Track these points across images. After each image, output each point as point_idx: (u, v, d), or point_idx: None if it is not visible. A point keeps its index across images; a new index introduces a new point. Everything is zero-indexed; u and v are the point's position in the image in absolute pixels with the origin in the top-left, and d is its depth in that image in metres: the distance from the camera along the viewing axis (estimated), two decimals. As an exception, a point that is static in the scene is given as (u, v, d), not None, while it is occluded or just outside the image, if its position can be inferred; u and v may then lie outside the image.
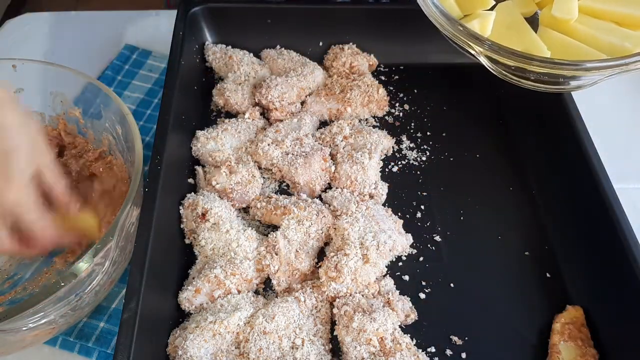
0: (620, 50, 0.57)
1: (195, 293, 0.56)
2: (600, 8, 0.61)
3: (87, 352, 0.58)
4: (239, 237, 0.60)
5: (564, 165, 0.67)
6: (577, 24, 0.61)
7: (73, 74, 0.66)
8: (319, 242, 0.62)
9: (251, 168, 0.66)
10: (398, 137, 0.75)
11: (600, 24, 0.60)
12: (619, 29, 0.60)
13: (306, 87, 0.76)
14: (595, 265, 0.60)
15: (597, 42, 0.59)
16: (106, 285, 0.56)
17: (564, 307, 0.59)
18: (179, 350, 0.52)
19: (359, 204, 0.63)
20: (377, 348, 0.53)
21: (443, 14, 0.59)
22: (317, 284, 0.58)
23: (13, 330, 0.49)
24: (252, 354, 0.52)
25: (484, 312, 0.60)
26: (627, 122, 0.83)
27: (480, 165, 0.73)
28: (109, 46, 0.89)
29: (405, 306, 0.58)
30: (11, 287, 0.61)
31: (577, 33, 0.61)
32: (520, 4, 0.65)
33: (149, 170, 0.60)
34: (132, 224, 0.56)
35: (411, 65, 0.83)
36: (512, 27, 0.62)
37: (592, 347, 0.56)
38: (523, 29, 0.62)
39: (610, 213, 0.58)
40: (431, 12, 0.60)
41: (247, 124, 0.72)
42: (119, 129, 0.64)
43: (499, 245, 0.65)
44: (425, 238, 0.65)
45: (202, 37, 0.81)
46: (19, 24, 0.92)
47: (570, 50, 0.59)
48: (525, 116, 0.76)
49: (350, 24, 0.81)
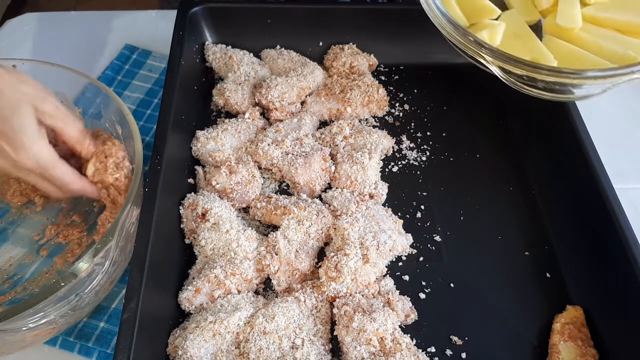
0: (624, 58, 0.57)
1: (195, 293, 0.56)
2: (603, 16, 0.61)
3: (87, 352, 0.58)
4: (239, 237, 0.60)
5: (564, 165, 0.67)
6: (581, 32, 0.61)
7: (73, 74, 0.66)
8: (319, 242, 0.62)
9: (251, 168, 0.66)
10: (398, 137, 0.75)
11: (604, 32, 0.60)
12: (622, 37, 0.60)
13: (306, 87, 0.76)
14: (595, 265, 0.60)
15: (601, 50, 0.59)
16: (106, 285, 0.56)
17: (564, 307, 0.59)
18: (179, 350, 0.52)
19: (359, 204, 0.63)
20: (377, 348, 0.53)
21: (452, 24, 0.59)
22: (317, 284, 0.58)
23: (13, 330, 0.49)
24: (252, 354, 0.52)
25: (484, 312, 0.60)
26: (627, 122, 0.83)
27: (480, 165, 0.73)
28: (109, 46, 0.89)
29: (405, 306, 0.58)
30: (11, 287, 0.61)
31: (581, 41, 0.61)
32: (524, 12, 0.65)
33: (149, 170, 0.60)
34: (132, 224, 0.56)
35: (411, 65, 0.83)
36: (518, 36, 0.62)
37: (592, 347, 0.56)
38: (529, 38, 0.62)
39: (610, 213, 0.58)
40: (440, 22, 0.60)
41: (247, 124, 0.72)
42: (119, 129, 0.64)
43: (499, 245, 0.65)
44: (425, 238, 0.65)
45: (202, 37, 0.81)
46: (19, 24, 0.92)
47: (575, 59, 0.59)
48: (525, 116, 0.76)
49: (350, 24, 0.81)
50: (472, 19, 0.65)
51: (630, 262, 0.55)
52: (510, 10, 0.66)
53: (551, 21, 0.62)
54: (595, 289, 0.59)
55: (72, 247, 0.63)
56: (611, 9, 0.61)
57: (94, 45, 0.89)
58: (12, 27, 0.91)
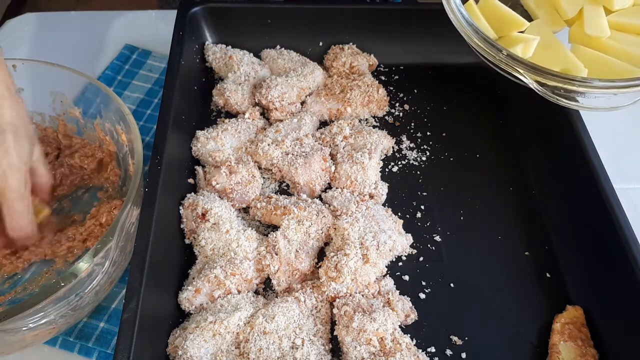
0: None
1: (195, 293, 0.56)
2: (627, 22, 0.61)
3: (87, 352, 0.58)
4: (239, 237, 0.59)
5: (564, 165, 0.67)
6: (608, 40, 0.61)
7: (73, 74, 0.66)
8: (319, 242, 0.62)
9: (251, 168, 0.66)
10: (398, 137, 0.75)
11: (630, 38, 0.61)
12: None
13: (306, 87, 0.76)
14: (595, 265, 0.60)
15: (628, 56, 0.59)
16: (106, 285, 0.56)
17: (564, 307, 0.59)
18: (179, 350, 0.52)
19: (359, 204, 0.63)
20: (377, 348, 0.53)
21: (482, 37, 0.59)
22: (317, 284, 0.58)
23: (13, 330, 0.49)
24: (252, 354, 0.52)
25: (484, 312, 0.60)
26: (627, 122, 0.83)
27: (480, 165, 0.73)
28: (109, 46, 0.89)
29: (405, 306, 0.58)
30: (11, 287, 0.61)
31: (608, 48, 0.61)
32: (549, 22, 0.65)
33: (149, 170, 0.60)
34: (132, 224, 0.56)
35: (411, 65, 0.83)
36: (548, 46, 0.62)
37: (592, 347, 0.56)
38: (559, 48, 0.62)
39: (610, 213, 0.58)
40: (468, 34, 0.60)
41: (247, 124, 0.72)
42: (119, 129, 0.64)
43: (499, 245, 0.65)
44: (425, 238, 0.65)
45: (202, 37, 0.81)
46: (19, 24, 0.92)
47: (605, 66, 0.59)
48: (525, 116, 0.76)
49: (350, 24, 0.81)
50: (500, 31, 0.65)
51: (630, 262, 0.55)
52: (536, 20, 0.65)
53: (577, 30, 0.63)
54: (595, 289, 0.59)
55: (72, 247, 0.63)
56: (635, 15, 0.61)
57: (94, 45, 0.89)
58: (12, 27, 0.91)
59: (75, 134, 0.71)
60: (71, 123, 0.70)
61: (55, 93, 0.68)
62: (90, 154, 0.69)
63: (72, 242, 0.62)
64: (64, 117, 0.70)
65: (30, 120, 0.59)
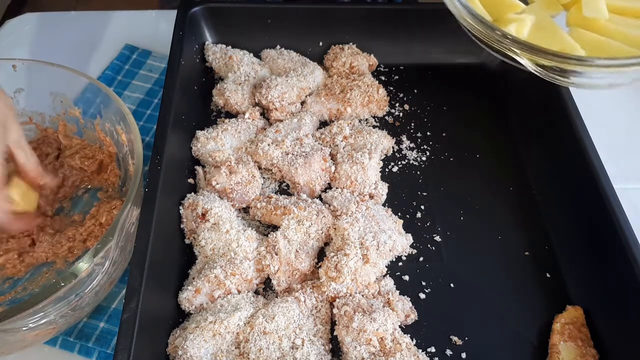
0: None
1: (195, 293, 0.56)
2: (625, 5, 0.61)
3: (87, 352, 0.58)
4: (239, 237, 0.59)
5: (564, 165, 0.67)
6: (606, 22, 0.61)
7: (73, 74, 0.66)
8: (319, 242, 0.62)
9: (251, 168, 0.66)
10: (398, 137, 0.75)
11: (628, 20, 0.60)
12: None
13: (306, 87, 0.76)
14: (595, 265, 0.60)
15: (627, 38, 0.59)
16: (106, 285, 0.56)
17: (564, 307, 0.59)
18: (179, 350, 0.52)
19: (359, 204, 0.63)
20: (377, 348, 0.53)
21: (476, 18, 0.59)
22: (317, 284, 0.58)
23: (13, 330, 0.49)
24: (252, 354, 0.52)
25: (484, 312, 0.60)
26: (627, 122, 0.83)
27: (480, 165, 0.73)
28: (109, 46, 0.89)
29: (405, 306, 0.58)
30: (11, 287, 0.61)
31: (606, 31, 0.60)
32: (546, 5, 0.65)
33: (149, 170, 0.60)
34: (132, 224, 0.56)
35: (411, 65, 0.83)
36: (544, 28, 0.62)
37: (592, 347, 0.56)
38: (555, 30, 0.61)
39: (610, 213, 0.58)
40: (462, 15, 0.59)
41: (247, 124, 0.72)
42: (119, 129, 0.64)
43: (499, 245, 0.65)
44: (425, 238, 0.65)
45: (202, 37, 0.81)
46: (19, 24, 0.92)
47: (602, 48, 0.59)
48: (525, 116, 0.76)
49: (350, 24, 0.81)
50: (495, 13, 0.65)
51: (630, 262, 0.55)
52: (532, 4, 0.65)
53: (575, 13, 0.62)
54: (595, 289, 0.59)
55: (72, 247, 0.63)
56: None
57: (94, 45, 0.89)
58: (12, 27, 0.91)
59: (76, 134, 0.71)
60: (71, 123, 0.70)
61: (55, 93, 0.68)
62: (90, 156, 0.69)
63: (72, 242, 0.62)
64: (64, 117, 0.70)
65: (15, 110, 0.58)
